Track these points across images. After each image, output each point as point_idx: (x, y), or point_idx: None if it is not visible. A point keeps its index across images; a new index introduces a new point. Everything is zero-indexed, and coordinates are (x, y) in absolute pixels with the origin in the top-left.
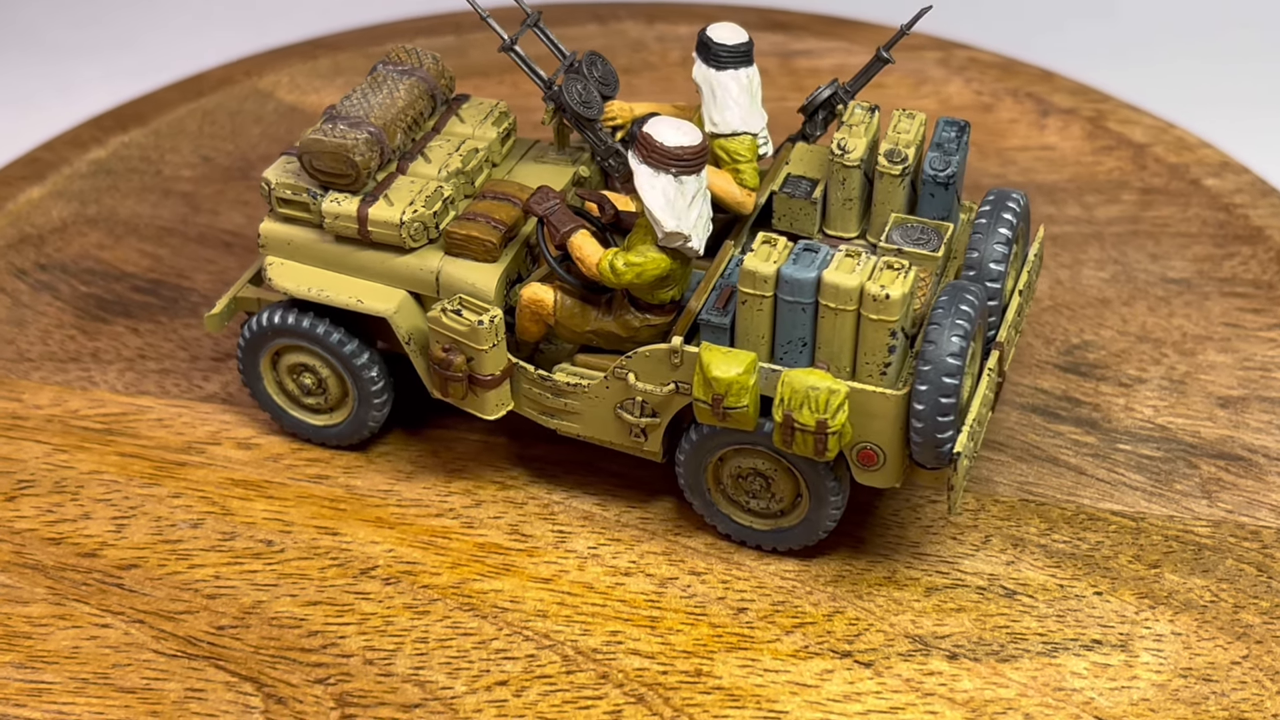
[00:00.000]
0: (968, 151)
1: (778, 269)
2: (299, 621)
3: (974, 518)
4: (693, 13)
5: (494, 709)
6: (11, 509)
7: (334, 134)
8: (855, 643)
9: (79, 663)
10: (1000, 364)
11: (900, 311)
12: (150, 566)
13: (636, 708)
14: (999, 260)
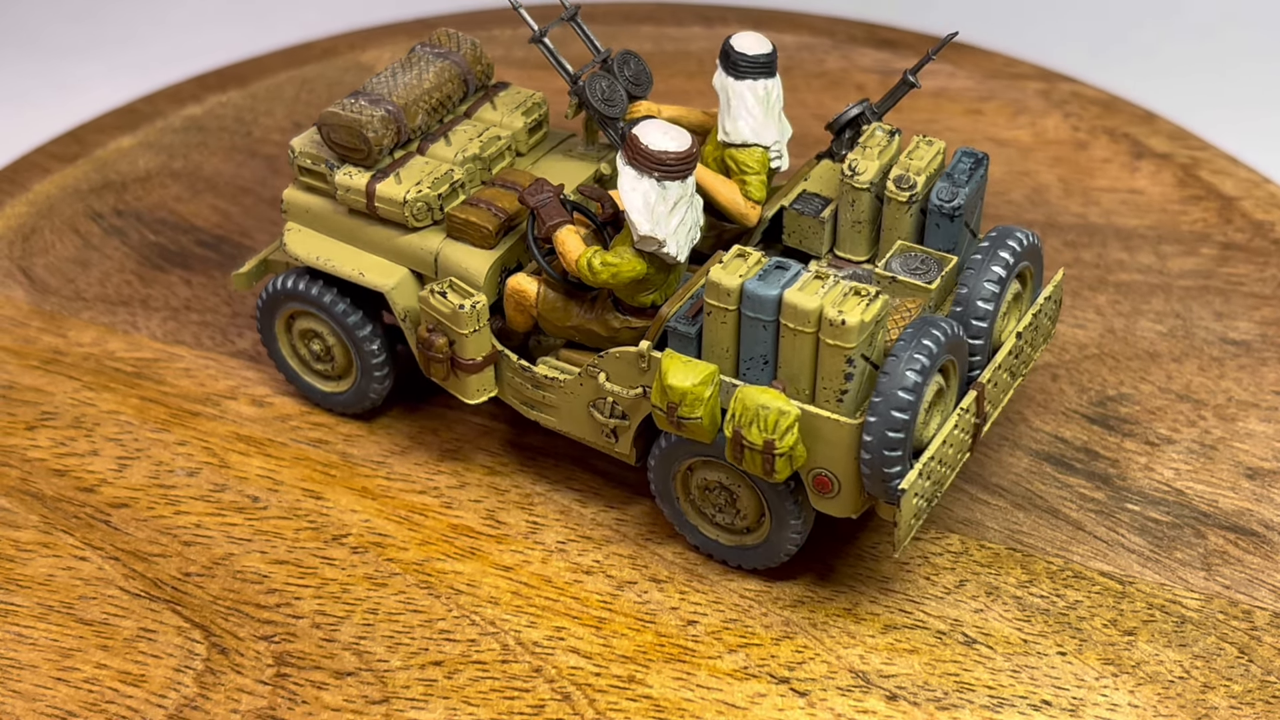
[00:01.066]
0: (983, 184)
1: (742, 283)
2: (261, 578)
3: (954, 560)
4: (798, 22)
5: (422, 686)
6: (29, 438)
7: (351, 109)
8: (796, 670)
9: (50, 590)
10: (979, 405)
11: (857, 339)
12: (139, 508)
13: (560, 705)
14: (988, 299)
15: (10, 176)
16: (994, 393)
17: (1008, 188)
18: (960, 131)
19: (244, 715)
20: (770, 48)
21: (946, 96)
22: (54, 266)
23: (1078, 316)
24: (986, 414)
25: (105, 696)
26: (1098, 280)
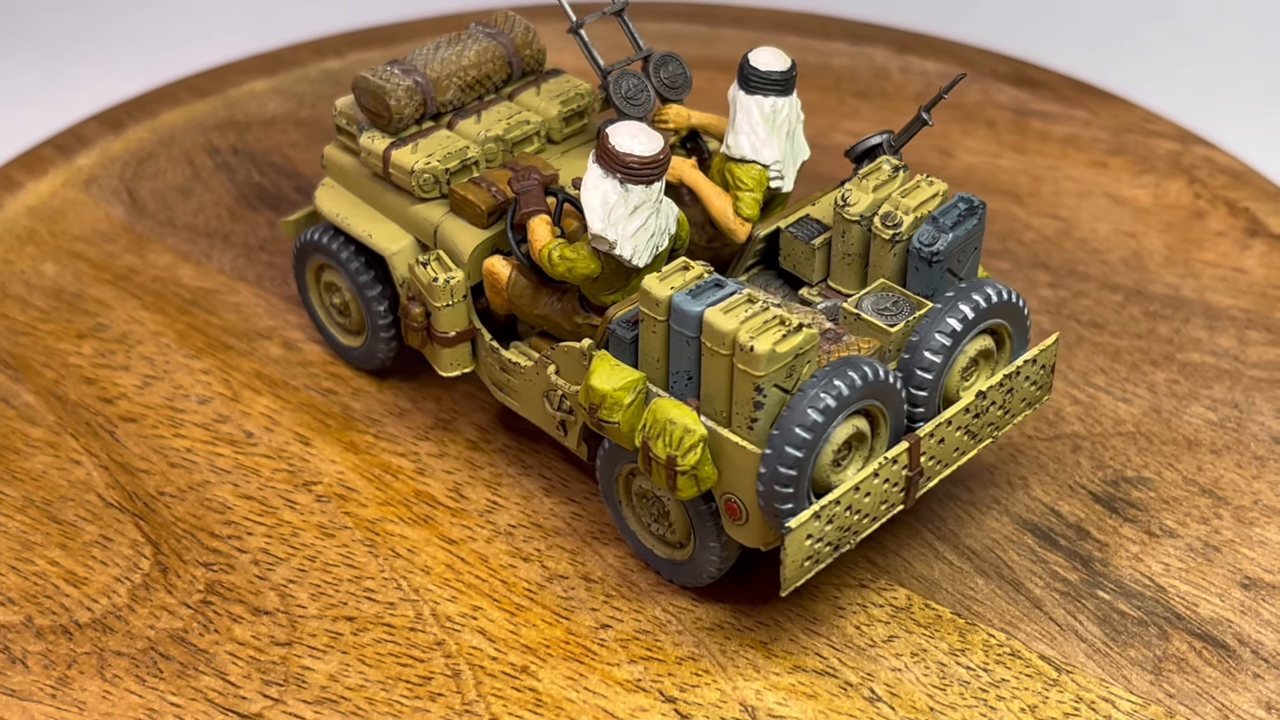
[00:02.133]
0: (977, 233)
1: (671, 295)
2: (225, 509)
3: (892, 614)
4: (945, 49)
5: (328, 637)
6: (75, 345)
7: (381, 75)
8: (688, 693)
9: (38, 486)
10: (911, 457)
11: (765, 367)
12: (144, 424)
13: (447, 681)
14: (936, 350)
15: (141, 105)
16: (941, 450)
17: (1109, 248)
18: (1078, 183)
19: (158, 632)
20: (787, 66)
21: (1075, 144)
22: (158, 192)
23: (1127, 390)
24: (924, 469)
25: (45, 591)
26: (1163, 356)
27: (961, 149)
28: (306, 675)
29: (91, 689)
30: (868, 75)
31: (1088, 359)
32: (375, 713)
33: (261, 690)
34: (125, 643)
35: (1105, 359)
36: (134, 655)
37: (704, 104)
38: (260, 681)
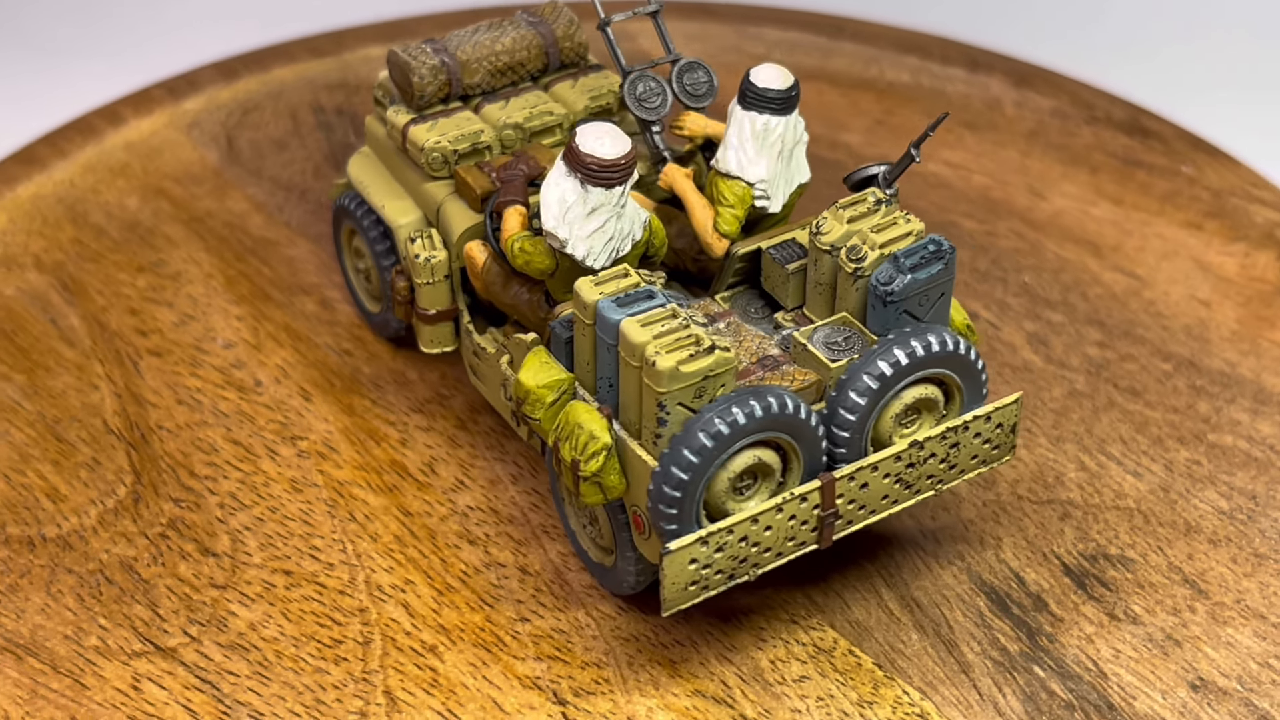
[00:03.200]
0: (942, 278)
1: (598, 300)
2: (212, 451)
3: (812, 655)
4: (1062, 87)
5: (261, 587)
6: (132, 277)
7: (409, 52)
8: (582, 699)
9: (53, 404)
10: (824, 497)
11: (667, 384)
12: (167, 361)
13: (355, 647)
14: (862, 392)
15: (258, 58)
16: (865, 495)
17: (1176, 313)
18: (1166, 242)
19: (110, 557)
20: (786, 85)
21: (1174, 202)
22: (255, 142)
23: (1141, 464)
24: (840, 510)
25: (26, 502)
26: (1193, 434)
27: (1056, 191)
28: (229, 620)
29: (34, 600)
30: (980, 105)
31: (1111, 426)
32: (279, 665)
33: (184, 627)
34: (79, 562)
35: (1130, 428)
36: (82, 575)
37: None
38: (186, 619)
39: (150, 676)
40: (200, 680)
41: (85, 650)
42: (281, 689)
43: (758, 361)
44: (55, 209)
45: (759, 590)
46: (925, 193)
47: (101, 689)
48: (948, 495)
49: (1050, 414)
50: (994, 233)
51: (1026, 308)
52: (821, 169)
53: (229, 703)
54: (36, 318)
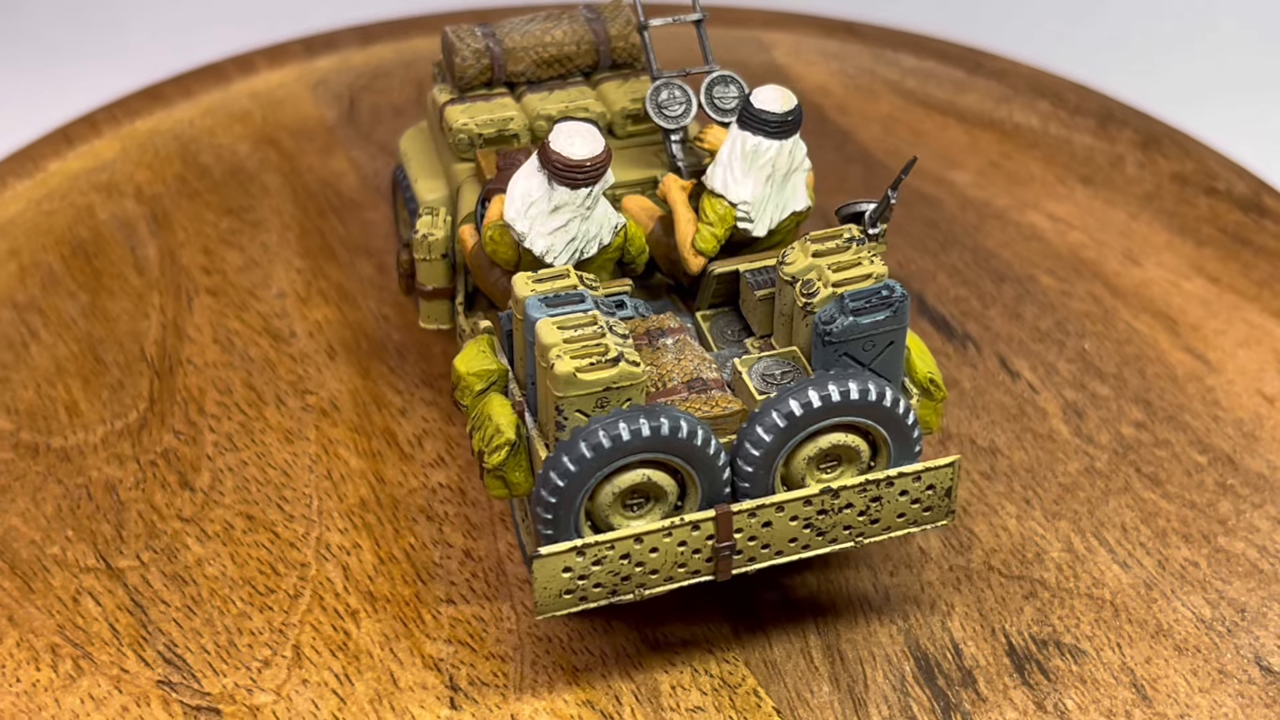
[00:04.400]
0: (890, 326)
1: (527, 297)
2: (226, 391)
3: (716, 687)
4: (1189, 150)
5: (221, 526)
6: (217, 218)
7: (457, 33)
8: (474, 688)
9: (104, 324)
10: (719, 529)
11: (563, 389)
12: (220, 301)
13: (284, 599)
14: (769, 430)
15: (401, 27)
16: (769, 534)
17: (1233, 405)
18: (1252, 329)
19: (100, 475)
20: (784, 109)
21: (1273, 288)
22: (375, 106)
23: (1134, 556)
24: (740, 545)
25: (45, 412)
26: (1202, 535)
27: (1153, 259)
28: (181, 552)
29: (18, 504)
30: (1102, 160)
31: (1116, 511)
32: (209, 603)
33: (139, 551)
34: (70, 475)
35: (1137, 516)
36: (68, 488)
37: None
38: (143, 544)
39: (91, 592)
40: (133, 604)
41: (44, 557)
42: (202, 626)
43: (687, 383)
44: (169, 145)
45: (688, 613)
46: (1014, 243)
47: (45, 595)
48: (914, 552)
49: (1057, 488)
50: (1070, 293)
51: (1074, 375)
52: (915, 204)
53: (151, 629)
54: (120, 244)
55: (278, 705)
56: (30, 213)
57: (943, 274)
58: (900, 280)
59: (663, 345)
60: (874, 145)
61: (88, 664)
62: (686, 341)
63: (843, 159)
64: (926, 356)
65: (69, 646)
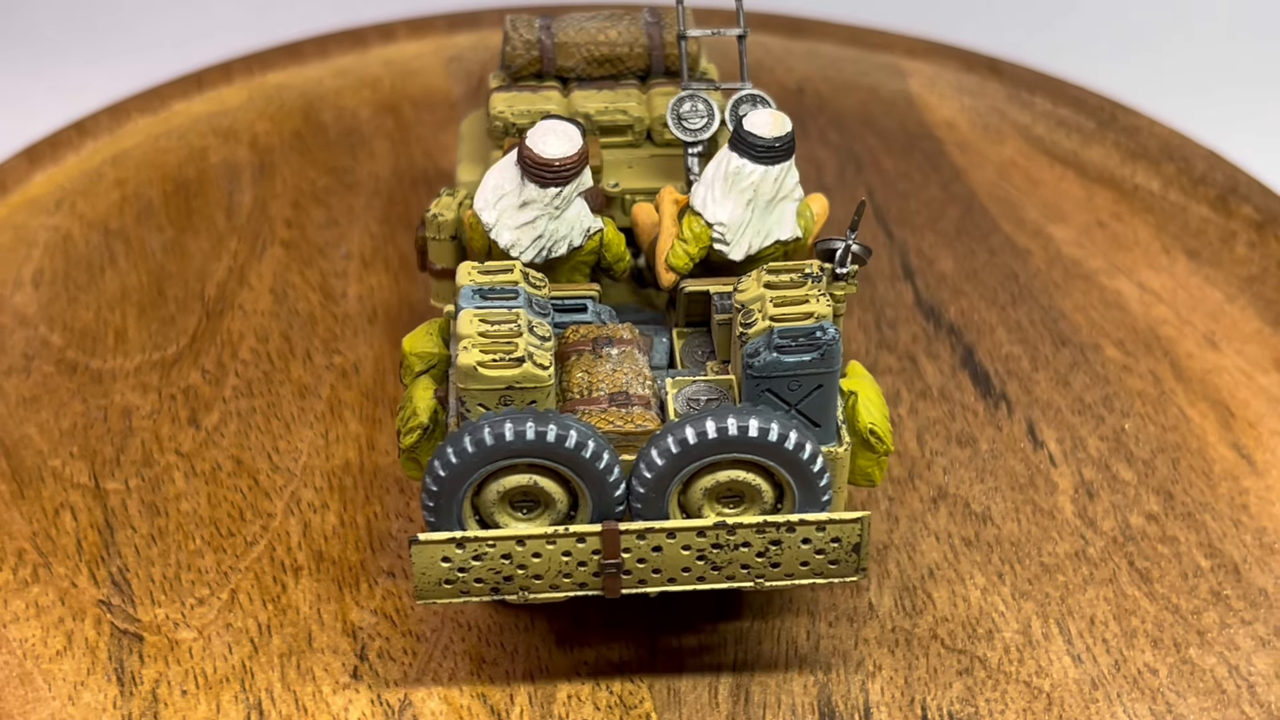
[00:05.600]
0: (821, 370)
1: (464, 285)
2: (263, 340)
3: (611, 706)
4: None
5: (210, 466)
6: (318, 175)
7: (514, 22)
8: (381, 660)
9: (178, 261)
10: (605, 544)
11: (463, 381)
12: (290, 253)
13: (241, 545)
14: (662, 454)
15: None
16: (661, 559)
17: (1262, 513)
18: None
19: (121, 400)
20: (773, 135)
21: None
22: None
23: (1092, 651)
24: (628, 565)
25: (96, 334)
26: (1174, 643)
27: (1234, 348)
28: (165, 485)
29: (41, 415)
30: (1214, 235)
31: (1091, 602)
32: (171, 536)
33: (128, 477)
34: (95, 396)
35: (1110, 611)
36: (89, 409)
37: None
38: (135, 471)
39: (73, 507)
40: (105, 524)
41: (45, 468)
42: (157, 556)
43: (613, 395)
44: (294, 100)
45: (613, 626)
46: (1090, 308)
47: (32, 503)
48: (863, 606)
49: (1036, 567)
50: (1131, 369)
51: (1102, 454)
52: (1002, 253)
53: (111, 551)
54: (220, 187)
55: (195, 643)
56: (146, 147)
57: (1002, 329)
58: (957, 330)
59: (606, 354)
60: (983, 189)
61: (45, 573)
62: (632, 355)
63: (945, 198)
64: (874, 406)
65: (34, 554)
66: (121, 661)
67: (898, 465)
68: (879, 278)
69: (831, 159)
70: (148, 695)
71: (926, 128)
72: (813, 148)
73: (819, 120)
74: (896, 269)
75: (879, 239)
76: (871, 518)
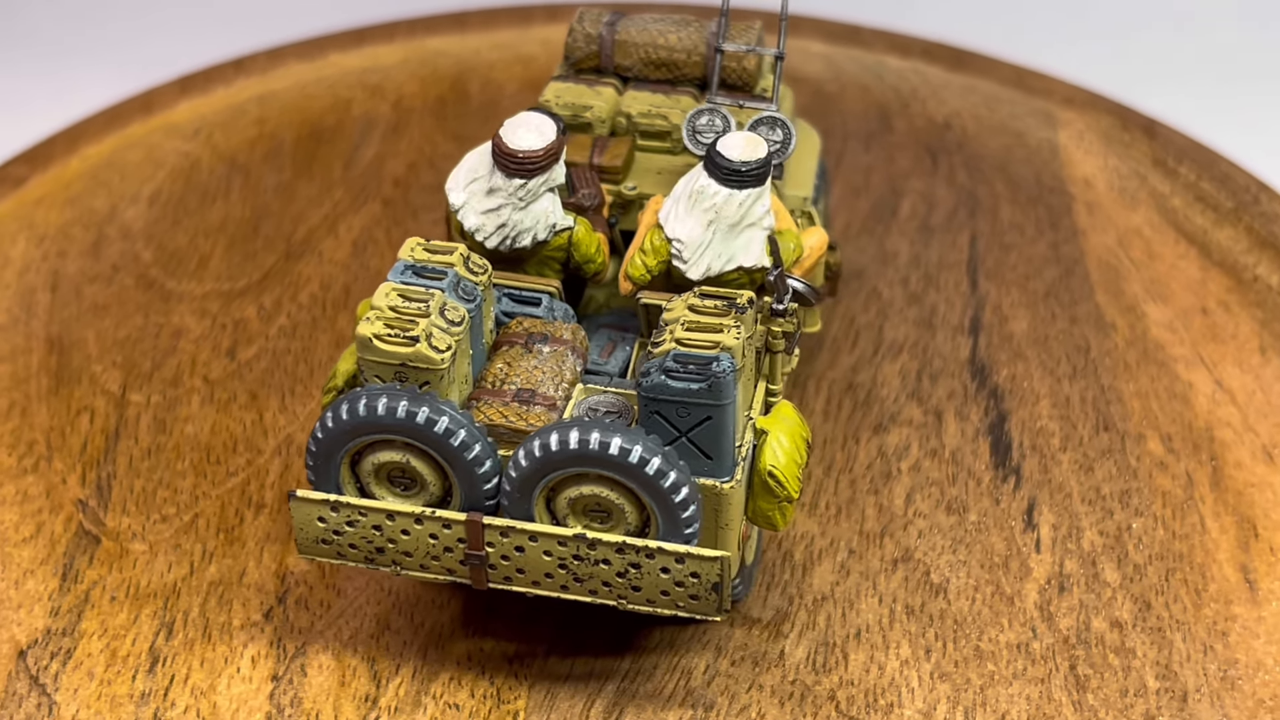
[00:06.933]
0: (707, 401)
1: (402, 258)
2: (324, 289)
3: (483, 699)
4: None
5: (225, 395)
6: (443, 141)
7: (583, 15)
8: (293, 609)
9: (281, 202)
10: (469, 534)
11: (360, 350)
12: (388, 210)
13: (220, 475)
14: (526, 455)
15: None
16: (524, 560)
17: (1238, 644)
18: None
19: (176, 321)
20: (739, 159)
21: None
22: None
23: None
24: (492, 559)
25: (185, 257)
26: None
27: None
28: (180, 405)
29: (103, 323)
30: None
31: (1011, 699)
32: (167, 453)
33: (152, 393)
34: (156, 314)
35: (1025, 712)
36: (146, 324)
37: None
38: (160, 388)
39: (92, 411)
40: (114, 432)
41: (86, 371)
42: (145, 471)
43: (519, 391)
44: (447, 67)
45: (526, 623)
46: (1152, 396)
47: (60, 401)
48: (774, 652)
49: (970, 650)
50: (1167, 467)
51: (1093, 550)
52: (1084, 323)
53: (108, 457)
54: (350, 140)
55: (142, 556)
56: (293, 92)
57: (1048, 401)
58: (999, 394)
59: (536, 350)
60: (1094, 253)
61: (44, 466)
62: (562, 356)
63: (1050, 257)
64: (784, 451)
65: (43, 447)
66: (73, 559)
67: (873, 520)
68: (942, 327)
69: (948, 198)
70: (81, 595)
71: (1061, 182)
72: (934, 184)
73: (953, 158)
74: (964, 322)
75: (961, 288)
76: (731, 559)
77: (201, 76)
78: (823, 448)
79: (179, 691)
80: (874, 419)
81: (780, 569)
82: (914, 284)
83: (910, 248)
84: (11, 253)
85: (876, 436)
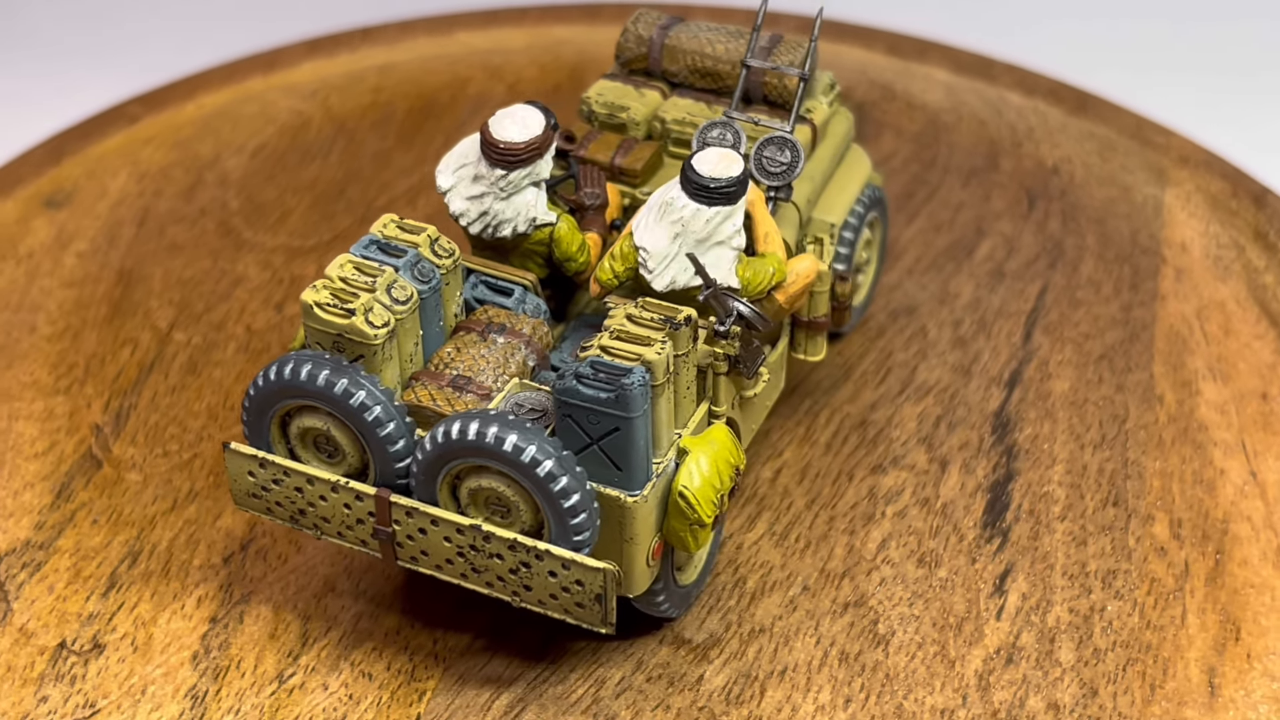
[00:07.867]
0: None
1: (371, 233)
2: None
3: (390, 669)
4: None
5: (261, 345)
6: None
7: (639, 16)
8: (243, 583)
9: (373, 165)
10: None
11: (304, 316)
12: None
13: (225, 419)
14: (431, 439)
15: None
16: (427, 543)
17: None
18: None
19: (240, 269)
20: (710, 175)
21: None
22: None
23: None
24: (398, 537)
25: (269, 211)
26: None
27: None
28: (216, 349)
29: (174, 263)
30: None
31: None
32: (190, 392)
33: (196, 334)
34: (226, 260)
35: None
36: (215, 268)
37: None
38: (206, 330)
39: (136, 343)
40: (149, 365)
41: (144, 305)
42: (164, 407)
43: (456, 377)
44: (570, 56)
45: (467, 607)
46: (1176, 478)
47: (112, 331)
48: (693, 677)
49: (891, 707)
50: (1166, 553)
51: (1056, 627)
52: (1133, 392)
53: (136, 390)
54: (455, 117)
55: (134, 486)
56: (414, 66)
57: (1062, 467)
58: (1014, 453)
59: (490, 340)
60: (1166, 322)
61: (76, 389)
62: (514, 348)
63: (1118, 319)
64: (702, 474)
65: (81, 370)
66: (71, 478)
67: (839, 560)
68: (979, 376)
69: (1032, 245)
70: (68, 513)
71: (1157, 243)
72: (1023, 229)
73: (1051, 204)
74: (1004, 374)
75: (1013, 338)
76: (616, 573)
77: (329, 40)
78: (813, 480)
79: (123, 618)
80: (875, 459)
81: (728, 594)
82: (965, 328)
83: (974, 290)
84: (111, 185)
85: (871, 476)
